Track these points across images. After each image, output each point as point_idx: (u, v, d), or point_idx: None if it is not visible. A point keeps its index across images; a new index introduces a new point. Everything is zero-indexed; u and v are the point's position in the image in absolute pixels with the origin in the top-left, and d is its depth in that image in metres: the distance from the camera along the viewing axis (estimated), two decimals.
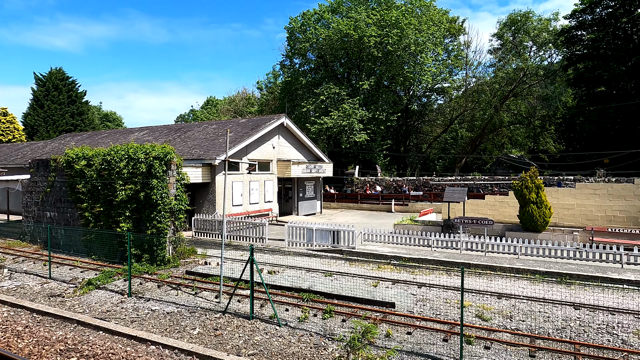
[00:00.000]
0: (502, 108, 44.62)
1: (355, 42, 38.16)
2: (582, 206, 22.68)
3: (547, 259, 14.98)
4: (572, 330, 9.06)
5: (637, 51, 32.58)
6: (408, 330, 9.07)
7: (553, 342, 8.40)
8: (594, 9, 36.21)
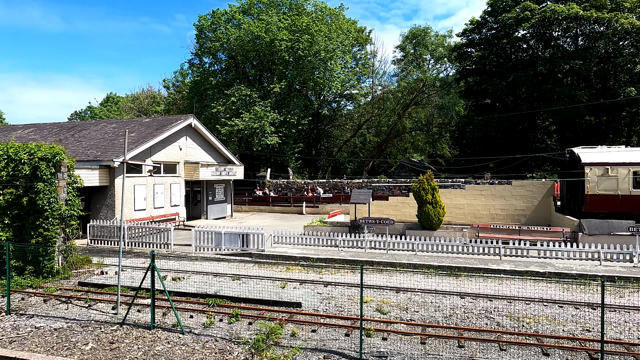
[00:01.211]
0: (405, 115, 47.92)
1: (267, 45, 38.23)
2: (471, 205, 25.25)
3: (440, 254, 16.43)
4: (457, 317, 10.08)
5: (515, 69, 37.21)
6: (313, 328, 9.35)
7: (441, 329, 9.28)
8: (481, 30, 40.64)
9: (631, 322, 9.64)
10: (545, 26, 35.57)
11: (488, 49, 39.33)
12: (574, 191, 22.25)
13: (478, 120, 37.87)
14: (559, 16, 33.36)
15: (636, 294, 11.70)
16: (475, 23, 40.95)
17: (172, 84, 60.70)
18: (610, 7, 32.52)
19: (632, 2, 32.11)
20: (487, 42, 40.26)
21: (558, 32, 37.38)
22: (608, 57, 34.58)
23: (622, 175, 19.93)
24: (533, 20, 34.31)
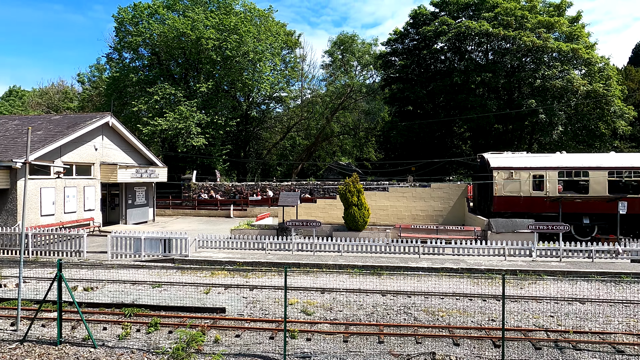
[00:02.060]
0: (333, 119, 48.95)
1: (193, 43, 36.99)
2: (394, 207, 26.44)
3: (365, 254, 16.99)
4: (378, 314, 10.50)
5: (434, 79, 39.71)
6: (237, 333, 9.21)
7: (363, 327, 9.61)
8: (404, 40, 42.84)
9: (529, 311, 10.72)
10: (460, 40, 38.37)
11: (410, 58, 41.53)
12: (484, 193, 24.21)
13: (401, 126, 39.79)
14: (472, 32, 36.19)
15: (534, 285, 13.03)
16: (398, 34, 43.05)
17: (88, 79, 56.33)
18: (515, 26, 35.96)
19: (532, 23, 35.80)
20: (409, 52, 42.49)
21: (471, 46, 40.51)
22: (513, 71, 38.17)
23: (524, 178, 22.07)
24: (450, 34, 36.87)
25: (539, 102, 34.97)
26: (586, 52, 35.47)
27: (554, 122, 35.46)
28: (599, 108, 35.96)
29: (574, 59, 35.63)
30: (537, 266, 14.91)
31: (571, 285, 12.94)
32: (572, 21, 38.81)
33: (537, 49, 35.28)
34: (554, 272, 14.16)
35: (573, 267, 14.78)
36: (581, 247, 16.08)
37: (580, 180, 22.57)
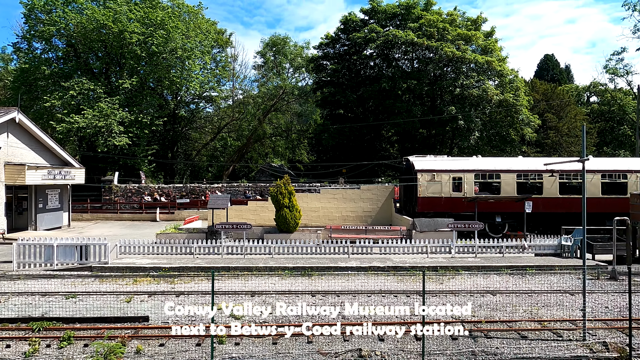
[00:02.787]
0: (265, 121, 48.65)
1: (115, 36, 34.77)
2: (326, 208, 26.88)
3: (296, 255, 17.09)
4: (308, 315, 10.62)
5: (364, 83, 41.04)
6: (161, 342, 8.83)
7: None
8: (335, 45, 43.80)
9: (448, 304, 11.45)
10: (388, 48, 40.06)
11: (341, 63, 42.56)
12: (410, 194, 25.48)
13: (332, 129, 40.62)
14: (398, 40, 37.96)
15: (453, 280, 13.97)
16: (330, 38, 43.93)
17: None
18: (437, 37, 38.33)
19: (452, 35, 38.39)
20: (340, 57, 43.51)
21: (398, 54, 42.48)
22: (436, 80, 40.64)
23: (445, 180, 23.55)
24: (378, 41, 38.35)
25: (458, 109, 37.55)
26: (499, 64, 38.75)
27: (471, 128, 38.27)
28: (510, 116, 39.44)
29: (489, 70, 38.76)
30: (455, 262, 15.99)
31: (484, 278, 14.05)
32: (487, 35, 42.19)
33: (457, 60, 37.87)
34: (470, 267, 15.28)
35: (487, 262, 16.06)
36: (493, 244, 17.53)
37: (494, 182, 24.58)
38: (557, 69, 67.20)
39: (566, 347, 8.72)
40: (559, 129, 49.18)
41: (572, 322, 9.92)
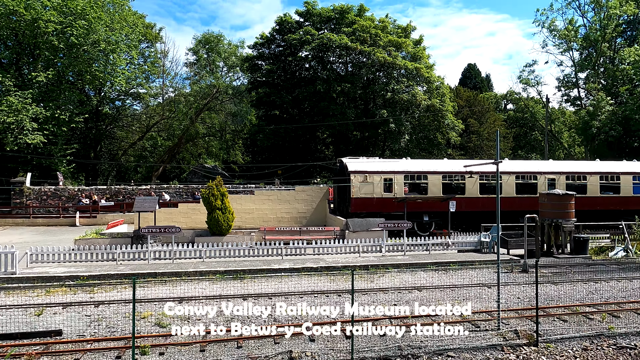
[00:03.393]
0: (198, 120, 47.07)
1: (28, 25, 31.73)
2: (260, 210, 26.55)
3: (228, 259, 16.67)
4: (238, 319, 10.38)
5: (299, 85, 41.21)
6: (76, 357, 8.15)
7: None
8: (270, 45, 43.53)
9: (377, 302, 11.80)
10: (323, 51, 40.60)
11: (276, 64, 42.38)
12: (344, 195, 25.95)
13: (268, 130, 40.30)
14: (333, 44, 38.61)
15: (383, 278, 14.42)
16: (265, 38, 43.56)
17: None
18: (370, 42, 39.51)
19: (384, 41, 39.80)
20: (275, 58, 43.31)
21: (333, 57, 43.20)
22: (369, 83, 41.86)
23: (376, 181, 24.28)
24: (313, 44, 38.72)
25: (389, 113, 38.98)
26: (427, 71, 40.81)
27: (401, 131, 39.91)
28: (437, 121, 41.68)
29: (417, 76, 40.66)
30: (386, 260, 16.53)
31: (412, 275, 14.67)
32: (416, 43, 44.26)
33: (388, 65, 39.31)
34: (399, 265, 15.88)
35: (414, 259, 16.78)
36: (421, 242, 18.37)
37: (422, 183, 25.80)
38: (479, 78, 72.23)
39: (483, 337, 9.34)
40: (480, 133, 52.93)
41: (489, 313, 10.65)
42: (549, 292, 12.81)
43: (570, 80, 51.11)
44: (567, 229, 17.92)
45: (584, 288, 13.19)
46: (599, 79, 48.15)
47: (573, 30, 47.65)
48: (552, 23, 48.52)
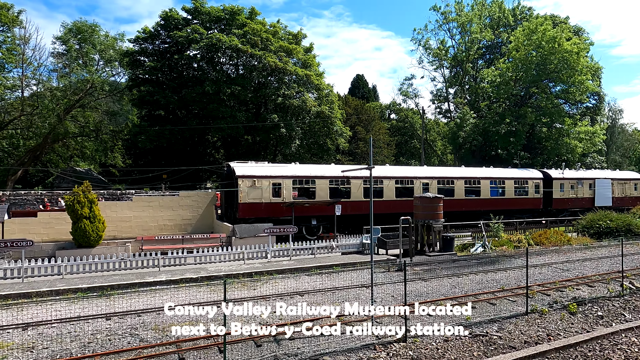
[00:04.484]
0: (68, 118, 41.86)
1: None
2: (139, 218, 24.44)
3: (94, 274, 14.88)
4: (97, 342, 9.19)
5: (186, 85, 39.11)
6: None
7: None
8: (154, 40, 40.62)
9: (257, 310, 11.44)
10: (212, 51, 39.12)
11: (161, 61, 39.68)
12: (231, 200, 25.17)
13: (151, 131, 37.46)
14: (223, 45, 37.45)
15: (266, 284, 14.12)
16: (148, 33, 40.53)
17: None
18: (261, 46, 39.20)
19: (275, 46, 39.86)
20: (160, 54, 40.56)
21: (224, 58, 41.91)
22: (260, 87, 41.48)
23: (265, 186, 24.01)
24: (202, 43, 37.12)
25: (280, 118, 39.09)
26: (317, 78, 41.88)
27: (292, 136, 40.30)
28: (326, 127, 42.95)
29: (308, 83, 41.49)
30: (271, 266, 16.28)
31: (296, 280, 14.64)
32: (306, 51, 45.17)
33: (279, 70, 39.44)
34: (284, 270, 15.76)
35: (300, 263, 16.82)
36: (306, 246, 18.54)
37: (310, 188, 26.21)
38: (366, 88, 76.68)
39: (357, 337, 9.57)
40: (367, 140, 56.14)
41: (365, 314, 11.00)
42: (419, 288, 13.77)
43: (441, 94, 56.95)
44: (436, 228, 19.63)
45: (448, 283, 14.47)
46: (465, 94, 54.45)
47: (444, 50, 53.21)
48: (426, 42, 53.61)
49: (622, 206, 35.09)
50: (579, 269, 16.78)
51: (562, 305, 12.15)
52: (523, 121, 41.85)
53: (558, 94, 44.07)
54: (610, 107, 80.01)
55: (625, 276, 14.89)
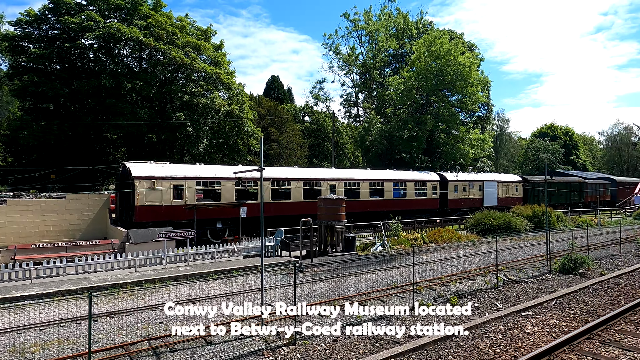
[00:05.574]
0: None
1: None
2: (15, 224, 21.69)
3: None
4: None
5: (79, 77, 35.60)
6: None
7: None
8: (41, 25, 36.36)
9: (142, 321, 10.62)
10: (111, 42, 36.14)
11: (49, 49, 35.66)
12: (127, 203, 23.37)
13: (36, 126, 33.46)
14: (122, 36, 34.77)
15: (157, 293, 13.21)
16: (33, 16, 36.15)
17: None
18: (166, 40, 37.12)
19: (182, 41, 38.01)
20: (49, 41, 36.43)
21: (125, 50, 38.94)
22: (165, 84, 39.26)
23: (165, 187, 22.67)
24: (97, 32, 34.10)
25: (187, 116, 37.36)
26: (227, 77, 40.79)
27: (200, 135, 38.76)
28: (237, 127, 42.03)
29: (217, 81, 40.23)
30: (166, 273, 15.31)
31: (190, 287, 13.91)
32: (216, 48, 43.79)
33: (187, 67, 37.70)
34: (179, 277, 14.92)
35: (198, 269, 16.06)
36: (206, 250, 17.79)
37: (216, 189, 25.35)
38: (282, 90, 76.75)
39: (246, 344, 9.29)
40: (280, 141, 55.98)
41: (257, 319, 10.76)
42: (316, 289, 13.88)
43: (351, 99, 58.93)
44: (339, 229, 20.08)
45: (346, 282, 14.80)
46: (373, 100, 56.98)
47: (354, 57, 55.15)
48: (337, 47, 55.12)
49: (506, 205, 39.18)
50: (464, 264, 18.25)
51: (445, 298, 13.04)
52: (424, 127, 44.86)
53: (454, 103, 47.98)
54: (499, 117, 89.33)
55: (500, 269, 16.49)
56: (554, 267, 17.12)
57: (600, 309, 12.00)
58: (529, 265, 18.10)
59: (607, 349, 9.16)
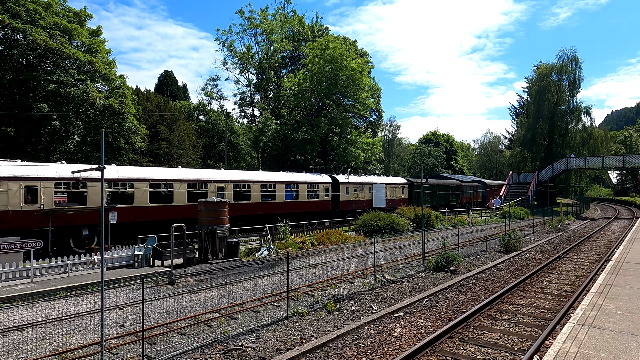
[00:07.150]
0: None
1: None
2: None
3: None
4: None
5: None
6: None
7: None
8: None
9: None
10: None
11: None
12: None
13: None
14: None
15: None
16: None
17: None
18: (26, 19, 32.02)
19: (48, 22, 33.13)
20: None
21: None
22: (26, 69, 33.91)
23: (13, 189, 19.19)
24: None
25: (53, 108, 32.68)
26: (104, 67, 36.63)
27: (70, 130, 34.20)
28: (117, 123, 37.99)
29: (93, 71, 35.93)
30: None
31: (27, 309, 11.58)
32: (92, 34, 39.14)
33: (53, 52, 32.97)
34: (14, 298, 12.39)
35: (43, 286, 13.58)
36: (57, 263, 15.22)
37: (83, 192, 22.24)
38: (176, 86, 72.22)
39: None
40: (171, 140, 52.25)
41: (99, 344, 9.14)
42: (185, 303, 12.52)
43: (246, 98, 57.47)
44: (221, 234, 18.79)
45: (220, 293, 13.65)
46: (268, 100, 56.22)
47: (250, 55, 53.80)
48: (231, 44, 53.28)
49: (393, 207, 41.20)
50: (347, 266, 18.25)
51: (322, 304, 12.62)
52: (318, 130, 45.31)
53: (347, 108, 49.35)
54: (391, 123, 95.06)
55: (380, 270, 16.74)
56: (428, 265, 17.91)
57: (463, 306, 12.57)
58: (407, 264, 18.76)
59: (465, 347, 9.41)
